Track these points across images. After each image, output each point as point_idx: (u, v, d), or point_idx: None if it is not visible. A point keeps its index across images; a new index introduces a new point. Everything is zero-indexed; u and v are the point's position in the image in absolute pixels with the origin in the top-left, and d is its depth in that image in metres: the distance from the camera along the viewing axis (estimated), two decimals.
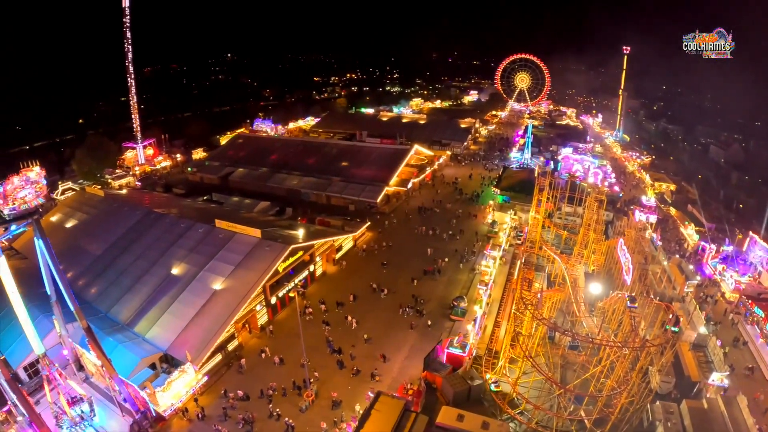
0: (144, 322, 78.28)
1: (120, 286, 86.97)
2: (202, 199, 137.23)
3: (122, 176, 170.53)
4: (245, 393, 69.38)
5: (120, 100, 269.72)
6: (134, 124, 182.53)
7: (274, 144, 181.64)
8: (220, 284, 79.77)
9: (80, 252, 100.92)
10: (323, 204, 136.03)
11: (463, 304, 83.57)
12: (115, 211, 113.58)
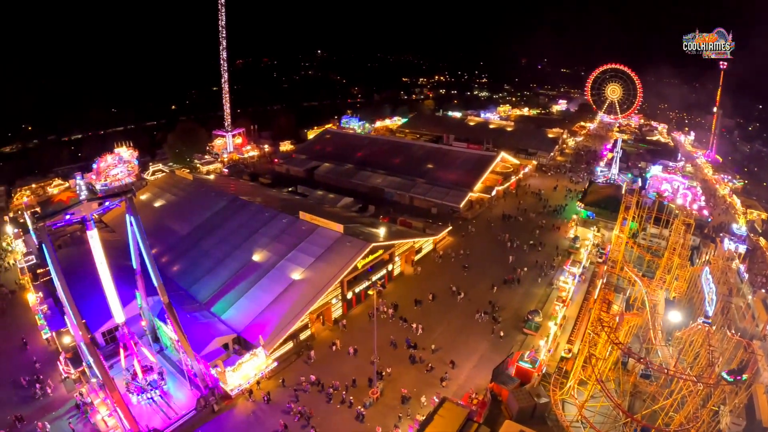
0: (221, 303, 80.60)
1: (202, 267, 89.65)
2: (287, 191, 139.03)
3: (210, 162, 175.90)
4: (317, 378, 70.66)
5: (212, 89, 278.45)
6: (225, 113, 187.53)
7: (360, 141, 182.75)
8: (299, 274, 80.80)
9: (166, 231, 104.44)
10: (406, 204, 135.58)
11: (537, 319, 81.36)
12: (202, 195, 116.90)
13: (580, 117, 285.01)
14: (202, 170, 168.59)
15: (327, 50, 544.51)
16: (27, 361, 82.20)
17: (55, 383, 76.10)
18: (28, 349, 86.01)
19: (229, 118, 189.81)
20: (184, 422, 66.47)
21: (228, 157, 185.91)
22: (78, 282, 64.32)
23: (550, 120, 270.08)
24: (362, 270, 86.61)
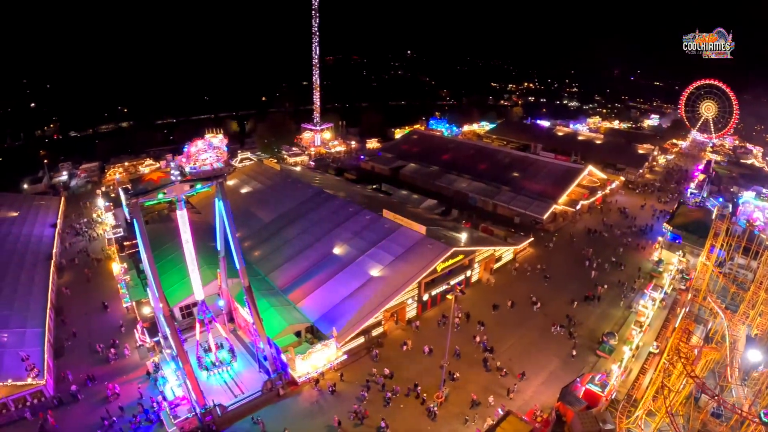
0: (298, 292, 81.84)
1: (282, 255, 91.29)
2: (372, 188, 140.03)
3: (298, 154, 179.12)
4: (391, 372, 71.50)
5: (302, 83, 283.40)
6: (315, 107, 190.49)
7: (447, 144, 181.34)
8: (377, 271, 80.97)
9: (251, 217, 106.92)
10: (489, 211, 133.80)
11: (612, 342, 78.38)
12: (288, 185, 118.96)
13: (672, 134, 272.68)
14: (289, 161, 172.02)
15: (417, 51, 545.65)
16: (105, 323, 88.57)
17: (129, 349, 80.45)
18: (108, 312, 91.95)
19: (318, 112, 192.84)
20: (248, 402, 68.38)
21: (315, 151, 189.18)
22: (162, 257, 66.52)
23: (641, 135, 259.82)
24: (441, 273, 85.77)
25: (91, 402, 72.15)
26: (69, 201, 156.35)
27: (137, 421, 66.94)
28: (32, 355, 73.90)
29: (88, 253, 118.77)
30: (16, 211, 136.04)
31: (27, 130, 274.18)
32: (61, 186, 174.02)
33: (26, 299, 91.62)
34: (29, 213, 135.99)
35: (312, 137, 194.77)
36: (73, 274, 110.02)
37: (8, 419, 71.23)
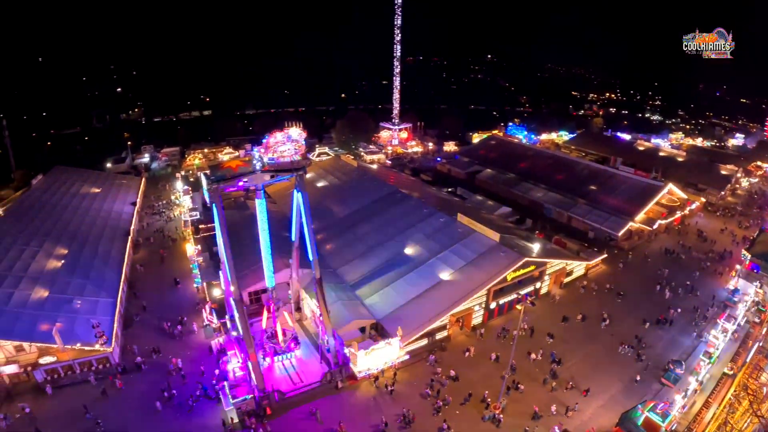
0: (366, 288, 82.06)
1: (354, 250, 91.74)
2: (447, 191, 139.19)
3: (375, 152, 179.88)
4: (456, 373, 71.40)
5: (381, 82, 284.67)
6: (394, 107, 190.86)
7: (525, 152, 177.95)
8: (448, 275, 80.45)
9: (325, 211, 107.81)
10: (563, 223, 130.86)
11: (679, 371, 74.66)
12: (364, 182, 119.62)
13: (757, 155, 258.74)
14: (365, 159, 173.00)
15: (497, 55, 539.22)
16: (175, 300, 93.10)
17: (195, 327, 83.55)
18: (179, 290, 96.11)
19: (397, 112, 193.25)
20: (306, 391, 69.59)
21: (392, 150, 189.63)
22: (235, 243, 67.73)
23: (725, 155, 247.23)
24: (510, 282, 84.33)
25: (153, 373, 75.63)
26: (149, 182, 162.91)
27: (196, 396, 69.42)
28: (102, 324, 77.03)
29: (164, 232, 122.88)
30: (99, 187, 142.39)
31: (113, 114, 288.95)
32: (143, 167, 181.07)
33: (102, 271, 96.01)
34: (111, 190, 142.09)
35: (390, 136, 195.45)
36: (147, 252, 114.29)
37: (72, 380, 75.75)
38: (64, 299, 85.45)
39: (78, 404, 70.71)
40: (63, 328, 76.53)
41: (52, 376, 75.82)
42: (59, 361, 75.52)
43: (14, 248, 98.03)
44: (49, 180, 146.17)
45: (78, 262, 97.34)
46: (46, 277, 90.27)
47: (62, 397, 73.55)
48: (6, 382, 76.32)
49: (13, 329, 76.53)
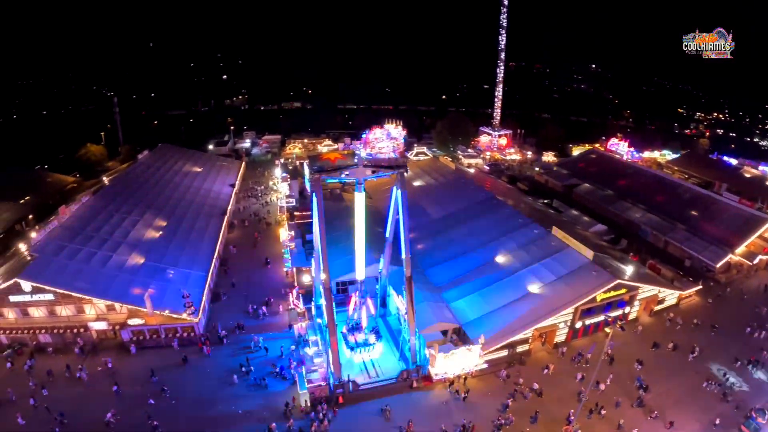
0: (453, 292, 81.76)
1: (445, 253, 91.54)
2: (543, 202, 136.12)
3: (473, 156, 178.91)
4: (540, 388, 69.76)
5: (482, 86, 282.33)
6: (494, 112, 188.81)
7: (625, 169, 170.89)
8: (536, 288, 78.87)
9: (419, 210, 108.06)
10: (659, 247, 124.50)
11: (761, 420, 69.63)
12: (460, 186, 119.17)
13: None
14: (463, 162, 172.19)
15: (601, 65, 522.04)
16: (264, 281, 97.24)
17: (281, 309, 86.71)
18: (268, 271, 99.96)
19: (497, 118, 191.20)
20: (381, 386, 70.23)
21: (491, 156, 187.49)
22: (328, 233, 68.81)
23: None
24: (599, 303, 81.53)
25: (235, 348, 79.11)
26: (248, 166, 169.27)
27: (272, 375, 72.02)
28: (192, 295, 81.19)
29: (259, 216, 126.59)
30: (200, 167, 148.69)
31: (217, 99, 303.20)
32: (243, 152, 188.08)
33: (197, 246, 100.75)
34: (212, 171, 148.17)
35: (489, 141, 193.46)
36: (241, 234, 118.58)
37: (156, 344, 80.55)
38: (158, 268, 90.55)
39: (157, 366, 75.07)
40: (154, 294, 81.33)
41: (137, 337, 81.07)
42: (146, 324, 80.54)
43: (116, 216, 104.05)
44: (154, 156, 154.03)
45: (175, 235, 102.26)
46: (143, 246, 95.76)
47: (144, 358, 78.29)
48: (94, 337, 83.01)
49: (108, 290, 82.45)
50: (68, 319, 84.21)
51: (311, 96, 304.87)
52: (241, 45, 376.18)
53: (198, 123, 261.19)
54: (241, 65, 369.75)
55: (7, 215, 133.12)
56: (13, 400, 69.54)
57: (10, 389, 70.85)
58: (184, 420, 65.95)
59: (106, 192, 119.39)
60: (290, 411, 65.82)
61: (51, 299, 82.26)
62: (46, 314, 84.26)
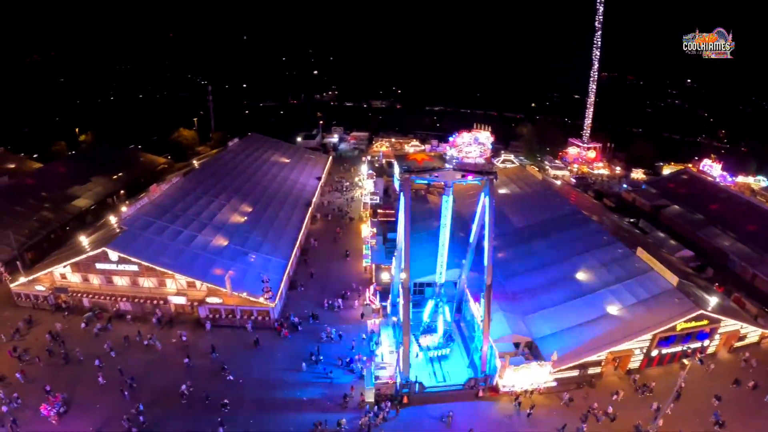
0: (529, 305, 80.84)
1: (524, 264, 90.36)
2: (629, 221, 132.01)
3: (560, 168, 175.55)
4: (615, 413, 67.86)
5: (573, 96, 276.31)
6: (585, 124, 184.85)
7: (717, 193, 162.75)
8: (615, 310, 76.75)
9: (502, 218, 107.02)
10: (745, 280, 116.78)
11: None
12: (546, 197, 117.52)
13: None
14: (550, 173, 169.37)
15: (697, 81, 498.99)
16: (342, 275, 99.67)
17: (356, 304, 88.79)
18: (348, 262, 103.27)
19: (587, 129, 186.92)
20: (447, 391, 70.24)
21: (578, 168, 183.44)
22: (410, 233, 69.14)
23: None
24: (679, 333, 78.41)
25: (307, 336, 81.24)
26: (335, 161, 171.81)
27: (340, 366, 73.71)
28: (271, 281, 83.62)
29: (343, 210, 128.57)
30: (288, 158, 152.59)
31: (308, 93, 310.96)
32: (331, 146, 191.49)
33: (279, 233, 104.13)
34: (299, 163, 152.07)
35: (577, 154, 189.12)
36: (323, 227, 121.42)
37: (230, 323, 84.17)
38: (241, 251, 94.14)
39: (230, 345, 79.18)
40: (234, 276, 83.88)
41: (213, 315, 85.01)
42: (223, 304, 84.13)
43: (204, 198, 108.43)
44: (243, 144, 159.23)
45: (259, 221, 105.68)
46: (227, 229, 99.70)
47: (217, 335, 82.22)
48: (172, 310, 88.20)
49: (191, 267, 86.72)
50: (149, 290, 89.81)
51: (400, 96, 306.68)
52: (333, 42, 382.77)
53: (288, 115, 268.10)
54: (332, 62, 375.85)
55: (99, 189, 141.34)
56: (81, 360, 76.06)
57: (79, 349, 78.16)
58: (249, 399, 68.73)
59: (195, 175, 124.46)
60: (346, 402, 67.59)
61: (135, 270, 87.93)
62: (129, 284, 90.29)
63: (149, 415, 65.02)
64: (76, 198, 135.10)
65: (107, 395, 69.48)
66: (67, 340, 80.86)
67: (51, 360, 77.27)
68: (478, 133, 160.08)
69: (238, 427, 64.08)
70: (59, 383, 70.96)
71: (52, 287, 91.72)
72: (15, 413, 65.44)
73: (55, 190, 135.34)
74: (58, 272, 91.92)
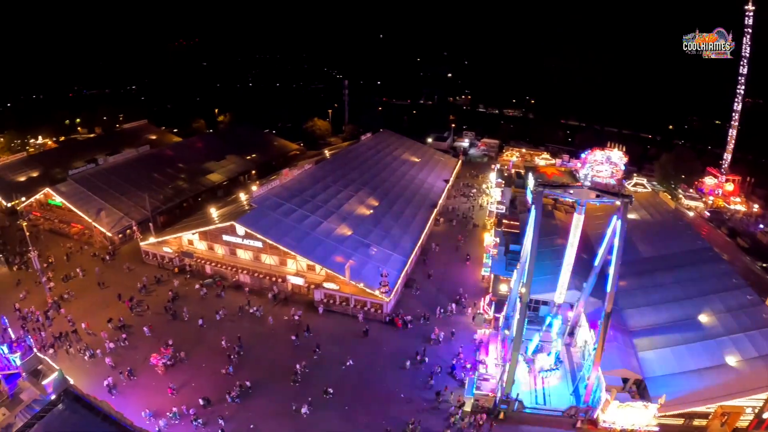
0: (645, 341, 76.41)
1: (646, 297, 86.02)
2: (762, 266, 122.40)
3: (694, 198, 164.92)
4: None
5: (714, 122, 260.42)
6: (726, 153, 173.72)
7: None
8: (734, 361, 71.33)
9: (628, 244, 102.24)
10: None
11: None
12: (677, 228, 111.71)
13: None
14: (682, 203, 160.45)
15: None
16: (459, 279, 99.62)
17: (469, 311, 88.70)
18: (467, 267, 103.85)
19: (727, 160, 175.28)
20: (545, 415, 68.59)
21: (713, 201, 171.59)
22: None
23: None
24: None
25: (415, 335, 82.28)
26: (464, 165, 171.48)
27: (441, 371, 73.93)
28: (389, 276, 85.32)
29: (467, 216, 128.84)
30: (418, 158, 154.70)
31: (441, 95, 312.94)
32: (461, 151, 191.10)
33: (402, 231, 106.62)
34: (428, 163, 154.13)
35: (714, 185, 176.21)
36: (446, 231, 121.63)
37: (342, 311, 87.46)
38: (363, 243, 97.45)
39: (335, 330, 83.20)
40: (354, 266, 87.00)
41: (328, 300, 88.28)
42: (339, 291, 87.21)
43: (333, 187, 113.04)
44: (375, 139, 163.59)
45: (383, 216, 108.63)
46: (352, 219, 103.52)
47: (328, 320, 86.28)
48: (288, 289, 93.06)
49: (313, 251, 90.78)
50: (270, 267, 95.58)
51: (534, 105, 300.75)
52: (469, 46, 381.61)
53: (420, 115, 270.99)
54: (467, 65, 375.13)
55: (233, 166, 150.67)
56: (186, 319, 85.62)
57: (187, 309, 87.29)
58: (350, 388, 70.93)
59: (326, 164, 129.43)
60: (439, 401, 68.64)
61: (259, 246, 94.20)
62: (251, 258, 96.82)
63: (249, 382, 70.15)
64: (211, 172, 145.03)
65: (216, 357, 75.94)
66: (180, 300, 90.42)
67: (160, 315, 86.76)
68: (611, 152, 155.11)
69: (333, 410, 66.58)
70: (169, 338, 78.69)
71: (178, 251, 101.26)
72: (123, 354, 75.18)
73: (191, 162, 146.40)
74: (187, 238, 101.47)
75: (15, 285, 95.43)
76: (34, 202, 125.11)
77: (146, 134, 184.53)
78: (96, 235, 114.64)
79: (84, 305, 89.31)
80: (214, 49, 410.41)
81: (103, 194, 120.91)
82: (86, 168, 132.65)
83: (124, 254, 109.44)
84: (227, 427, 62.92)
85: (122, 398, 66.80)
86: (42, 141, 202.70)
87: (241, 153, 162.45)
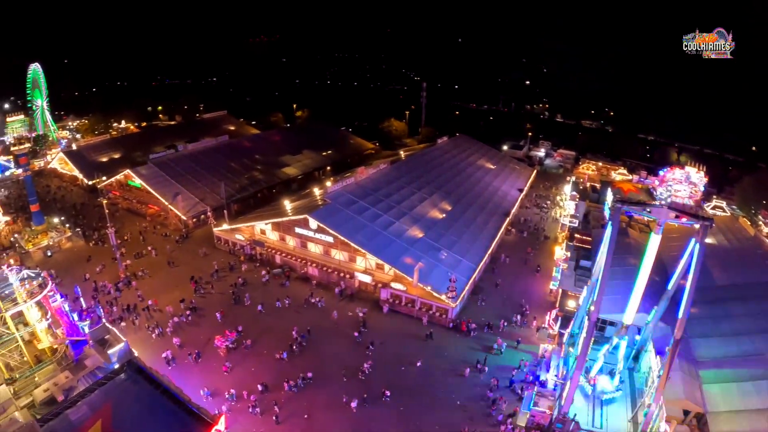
0: (711, 373, 72.09)
1: (717, 326, 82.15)
2: None
3: None
4: None
5: None
6: None
7: None
8: None
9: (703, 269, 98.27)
10: None
11: None
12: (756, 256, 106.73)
13: None
14: (762, 230, 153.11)
15: None
16: (526, 291, 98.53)
17: (533, 324, 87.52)
18: (537, 278, 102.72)
19: None
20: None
21: None
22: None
23: None
24: None
25: (478, 344, 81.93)
26: (539, 176, 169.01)
27: (498, 385, 73.27)
28: (457, 282, 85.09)
29: (539, 228, 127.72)
30: (493, 164, 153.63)
31: (518, 102, 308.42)
32: (537, 160, 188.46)
33: (473, 237, 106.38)
34: (503, 171, 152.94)
35: None
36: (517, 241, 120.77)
37: (407, 312, 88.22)
38: (434, 246, 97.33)
39: (398, 330, 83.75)
40: (423, 269, 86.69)
41: (393, 300, 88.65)
42: (406, 292, 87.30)
43: (407, 189, 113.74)
44: (452, 143, 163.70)
45: (455, 221, 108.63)
46: (424, 222, 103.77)
47: (392, 320, 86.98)
48: (355, 286, 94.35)
49: (383, 250, 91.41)
50: (339, 263, 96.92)
51: (612, 118, 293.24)
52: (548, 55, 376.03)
53: (497, 122, 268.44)
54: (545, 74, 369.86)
55: (309, 161, 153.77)
56: (247, 304, 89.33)
57: (249, 294, 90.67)
58: (408, 389, 71.22)
59: (402, 165, 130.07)
60: (491, 407, 69.16)
61: (330, 241, 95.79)
62: (321, 252, 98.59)
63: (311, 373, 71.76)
64: (287, 166, 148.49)
65: (278, 345, 78.09)
66: (246, 286, 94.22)
67: (224, 296, 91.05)
68: (692, 172, 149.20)
69: (389, 409, 67.28)
70: (239, 324, 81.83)
71: (250, 239, 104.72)
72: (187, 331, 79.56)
73: (268, 155, 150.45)
74: (260, 227, 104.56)
75: (86, 260, 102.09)
76: (115, 182, 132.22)
77: (225, 125, 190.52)
78: (171, 218, 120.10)
79: (153, 283, 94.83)
80: (294, 45, 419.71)
81: (181, 179, 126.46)
82: (166, 153, 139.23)
83: (197, 238, 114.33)
84: (281, 414, 64.49)
85: (179, 372, 70.18)
86: (124, 125, 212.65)
87: (317, 149, 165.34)
